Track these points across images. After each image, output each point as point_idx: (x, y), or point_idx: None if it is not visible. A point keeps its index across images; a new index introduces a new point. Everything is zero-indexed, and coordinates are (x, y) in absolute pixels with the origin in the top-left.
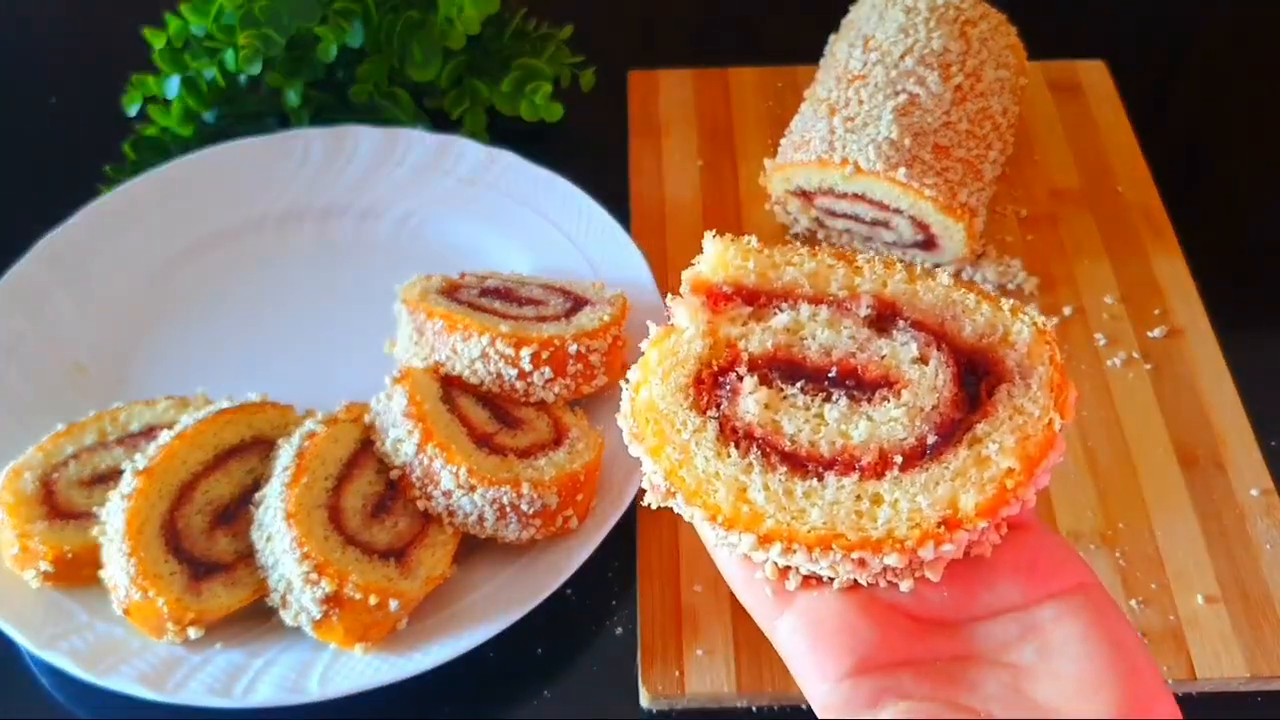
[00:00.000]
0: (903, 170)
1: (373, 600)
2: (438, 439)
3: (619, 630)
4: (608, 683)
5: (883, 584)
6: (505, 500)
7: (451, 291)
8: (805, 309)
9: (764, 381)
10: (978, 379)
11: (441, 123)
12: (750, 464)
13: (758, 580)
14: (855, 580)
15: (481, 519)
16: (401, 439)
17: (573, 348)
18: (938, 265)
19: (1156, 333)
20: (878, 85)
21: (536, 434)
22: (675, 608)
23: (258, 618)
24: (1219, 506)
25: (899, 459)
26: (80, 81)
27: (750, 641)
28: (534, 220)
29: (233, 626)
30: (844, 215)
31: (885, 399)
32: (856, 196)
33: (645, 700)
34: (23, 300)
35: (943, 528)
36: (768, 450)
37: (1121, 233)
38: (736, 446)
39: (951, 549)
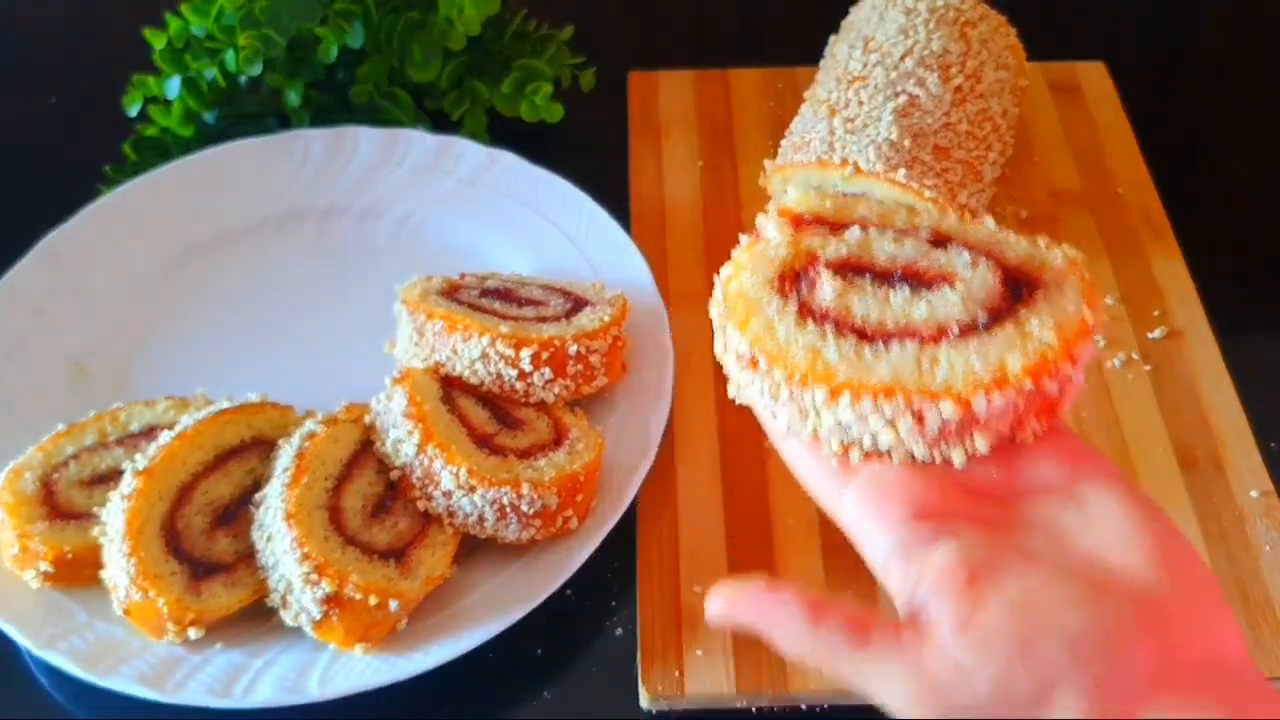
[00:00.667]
0: (902, 171)
1: (373, 600)
2: (438, 439)
3: (619, 631)
4: (607, 683)
5: (938, 456)
6: (505, 501)
7: (452, 292)
8: (874, 230)
9: (838, 276)
10: (1020, 288)
11: (442, 123)
12: (825, 332)
13: (822, 460)
14: (913, 455)
15: (482, 519)
16: (402, 439)
17: (573, 348)
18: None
19: (1156, 334)
20: (878, 86)
21: (536, 434)
22: (675, 608)
23: (258, 618)
24: (1218, 508)
25: (955, 331)
26: (80, 81)
27: (749, 641)
28: (534, 221)
29: (233, 627)
30: None
31: (943, 289)
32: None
33: (645, 701)
34: (23, 300)
35: (993, 385)
36: (840, 325)
37: (1121, 234)
38: (814, 322)
39: (1001, 403)
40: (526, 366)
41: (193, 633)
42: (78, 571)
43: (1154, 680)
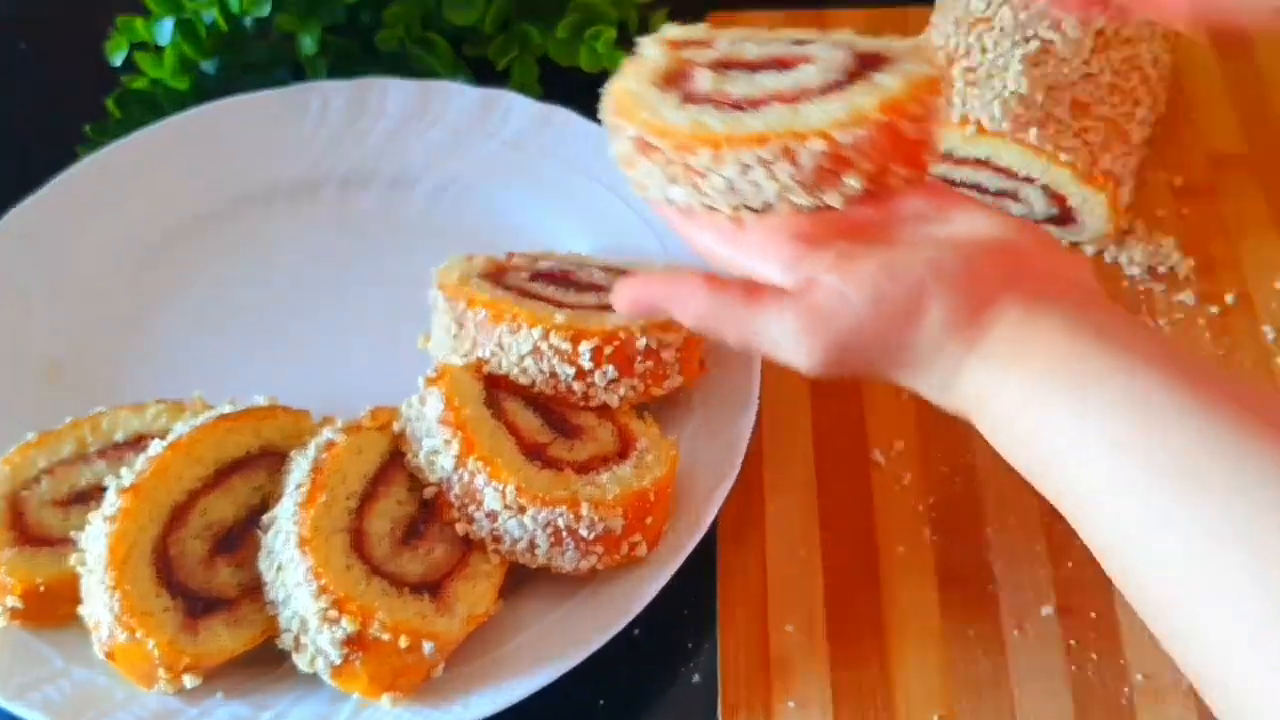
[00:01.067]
0: (1034, 131)
1: (403, 642)
2: (480, 451)
3: (695, 678)
4: None
5: (819, 202)
6: (561, 523)
7: (497, 276)
8: (743, 38)
9: (714, 71)
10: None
11: (485, 74)
12: (705, 109)
13: (720, 229)
14: (797, 206)
15: (532, 545)
16: (437, 450)
17: (641, 342)
18: (1076, 244)
19: None
20: (1004, 30)
21: (598, 445)
22: (763, 652)
23: (266, 663)
24: None
25: (816, 89)
26: (56, 24)
27: (853, 692)
28: (594, 190)
29: (236, 673)
30: (964, 184)
31: (805, 67)
32: (980, 163)
33: None
34: None
35: (851, 122)
36: (718, 104)
37: None
38: (695, 104)
39: (862, 135)
40: (586, 364)
41: (188, 680)
42: (52, 608)
43: (1006, 282)
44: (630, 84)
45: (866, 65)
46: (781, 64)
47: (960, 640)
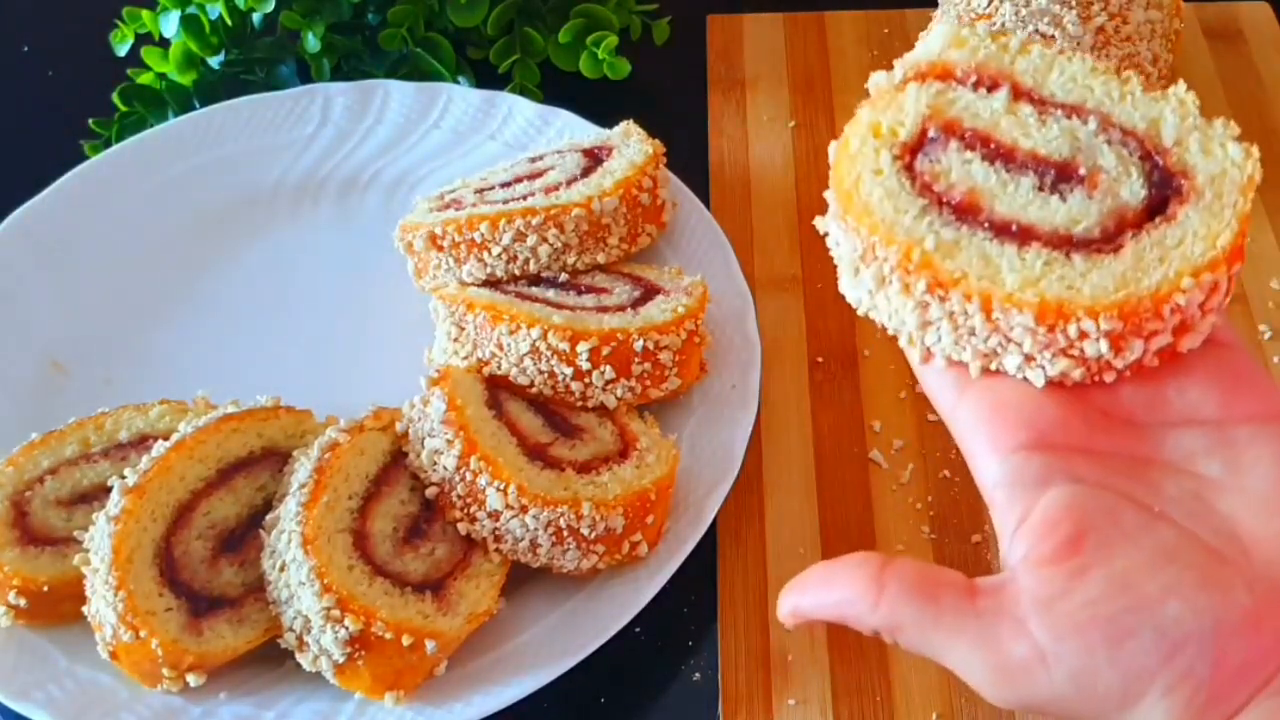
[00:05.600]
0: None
1: (405, 641)
2: (483, 450)
3: (696, 676)
4: None
5: (1066, 371)
6: (562, 523)
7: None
8: (1023, 103)
9: (968, 148)
10: (1167, 186)
11: (487, 77)
12: (971, 234)
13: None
14: (1041, 366)
15: (534, 545)
16: (440, 450)
17: (639, 344)
18: None
19: None
20: (1006, 26)
21: (599, 445)
22: (763, 650)
23: (269, 662)
24: None
25: (1091, 236)
26: (61, 14)
27: (853, 690)
28: None
29: (240, 672)
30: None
31: (1084, 193)
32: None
33: None
34: None
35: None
36: (962, 210)
37: None
38: (933, 202)
39: (1138, 348)
40: (584, 364)
41: (192, 679)
42: (55, 607)
43: (1257, 681)
44: (861, 164)
45: (1164, 185)
46: (1058, 168)
47: None
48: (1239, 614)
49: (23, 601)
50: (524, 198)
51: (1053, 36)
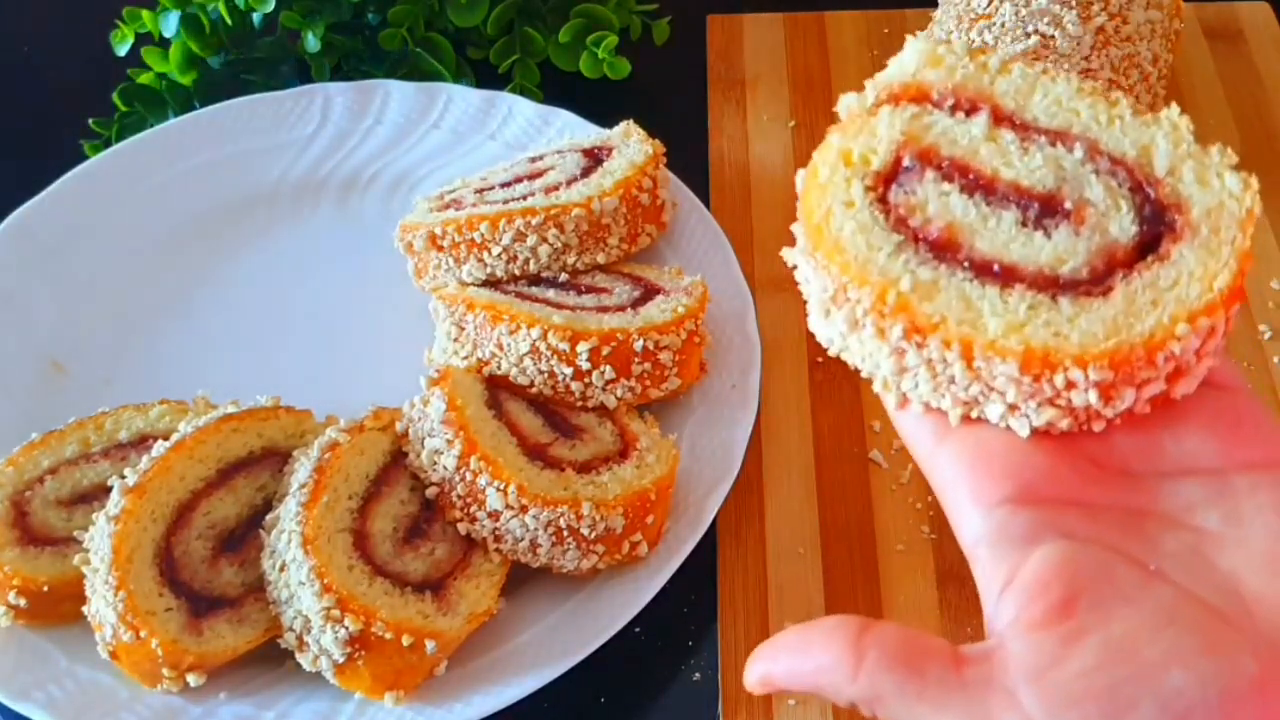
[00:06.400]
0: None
1: (405, 641)
2: (482, 450)
3: (696, 676)
4: None
5: (1060, 424)
6: (562, 523)
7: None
8: (1005, 129)
9: (945, 179)
10: (1160, 220)
11: (487, 76)
12: (922, 255)
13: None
14: (1026, 416)
15: (534, 545)
16: (440, 450)
17: (638, 344)
18: None
19: None
20: (1005, 26)
21: (599, 445)
22: None
23: (269, 662)
24: None
25: (1079, 277)
26: (62, 14)
27: None
28: None
29: (240, 672)
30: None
31: (1070, 229)
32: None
33: None
34: None
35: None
36: (940, 248)
37: None
38: (909, 238)
39: (1135, 396)
40: (584, 364)
41: (192, 679)
42: (55, 607)
43: None
44: (831, 196)
45: (1156, 218)
46: (1043, 201)
47: (958, 638)
48: (1245, 682)
49: (23, 601)
50: (524, 198)
51: (1053, 37)
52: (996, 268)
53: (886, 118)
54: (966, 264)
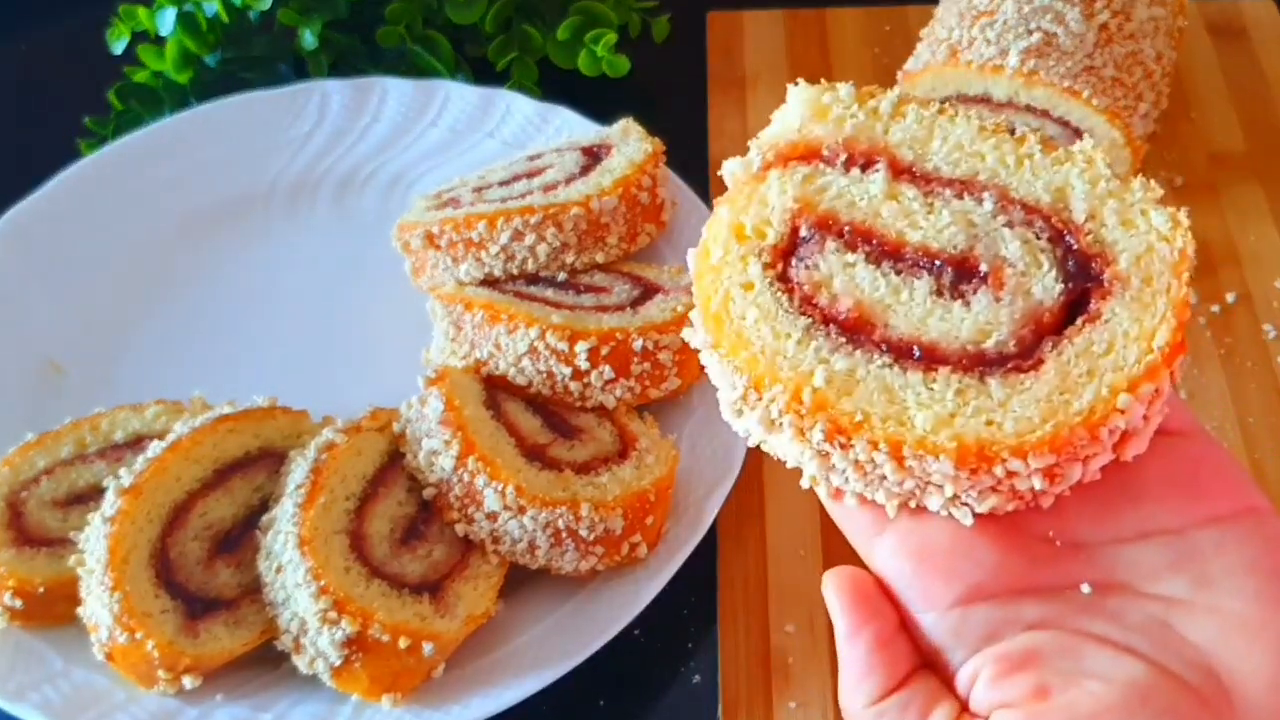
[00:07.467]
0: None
1: (403, 643)
2: (480, 451)
3: (696, 678)
4: None
5: (1005, 508)
6: (561, 524)
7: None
8: (904, 184)
9: (847, 249)
10: (1086, 274)
11: (485, 74)
12: (831, 340)
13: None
14: (968, 505)
15: (532, 546)
16: (437, 451)
17: (638, 343)
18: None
19: None
20: (1008, 23)
21: (597, 445)
22: (763, 652)
23: (266, 664)
24: None
25: (1004, 353)
26: (58, 12)
27: None
28: None
29: (236, 675)
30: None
31: (987, 297)
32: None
33: None
34: None
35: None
36: (848, 328)
37: None
38: (816, 322)
39: (1074, 472)
40: (583, 364)
41: (188, 681)
42: (51, 608)
43: None
44: (726, 278)
45: (1084, 271)
46: (955, 263)
47: None
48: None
49: (18, 603)
50: (522, 196)
51: (1055, 34)
52: (916, 350)
53: (776, 183)
54: (883, 346)
